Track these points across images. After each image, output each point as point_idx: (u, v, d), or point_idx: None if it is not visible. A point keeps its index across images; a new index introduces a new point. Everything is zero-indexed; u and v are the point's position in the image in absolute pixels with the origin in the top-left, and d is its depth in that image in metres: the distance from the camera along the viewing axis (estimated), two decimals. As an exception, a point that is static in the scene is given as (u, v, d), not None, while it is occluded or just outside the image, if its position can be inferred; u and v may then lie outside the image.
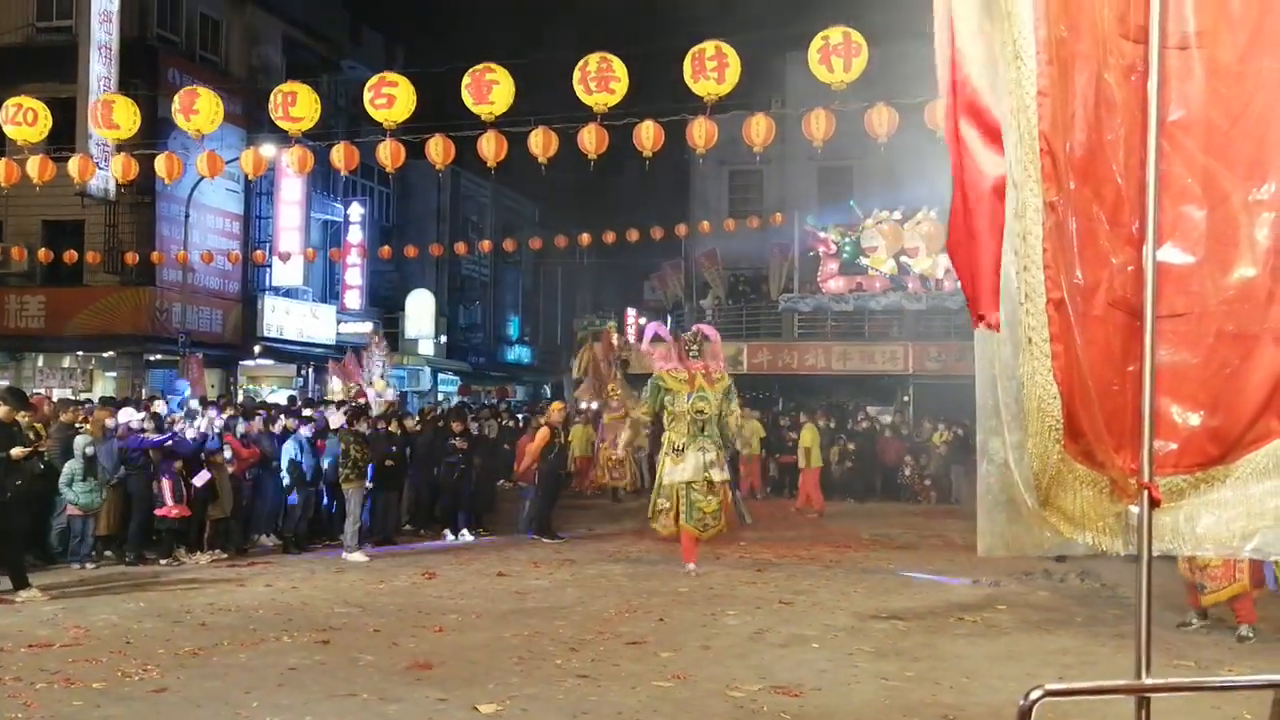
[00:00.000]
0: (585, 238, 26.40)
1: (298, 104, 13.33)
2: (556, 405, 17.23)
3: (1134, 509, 2.68)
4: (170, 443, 12.27)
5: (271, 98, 13.59)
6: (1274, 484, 2.69)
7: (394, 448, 14.39)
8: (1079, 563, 12.32)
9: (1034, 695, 2.29)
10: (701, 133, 13.80)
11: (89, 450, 11.79)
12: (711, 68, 12.74)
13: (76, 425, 12.33)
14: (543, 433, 15.43)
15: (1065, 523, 2.71)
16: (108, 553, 12.46)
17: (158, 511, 12.26)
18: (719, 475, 12.34)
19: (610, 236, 25.37)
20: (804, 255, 30.04)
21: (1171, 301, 2.67)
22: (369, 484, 13.66)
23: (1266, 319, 2.69)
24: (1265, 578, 9.58)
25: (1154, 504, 2.64)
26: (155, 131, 20.32)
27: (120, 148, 15.79)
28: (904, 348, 27.74)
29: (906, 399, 28.08)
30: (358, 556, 12.90)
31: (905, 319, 28.90)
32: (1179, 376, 2.69)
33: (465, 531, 15.16)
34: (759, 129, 14.13)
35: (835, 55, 12.43)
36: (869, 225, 28.64)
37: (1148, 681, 2.65)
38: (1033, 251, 2.62)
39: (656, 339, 14.11)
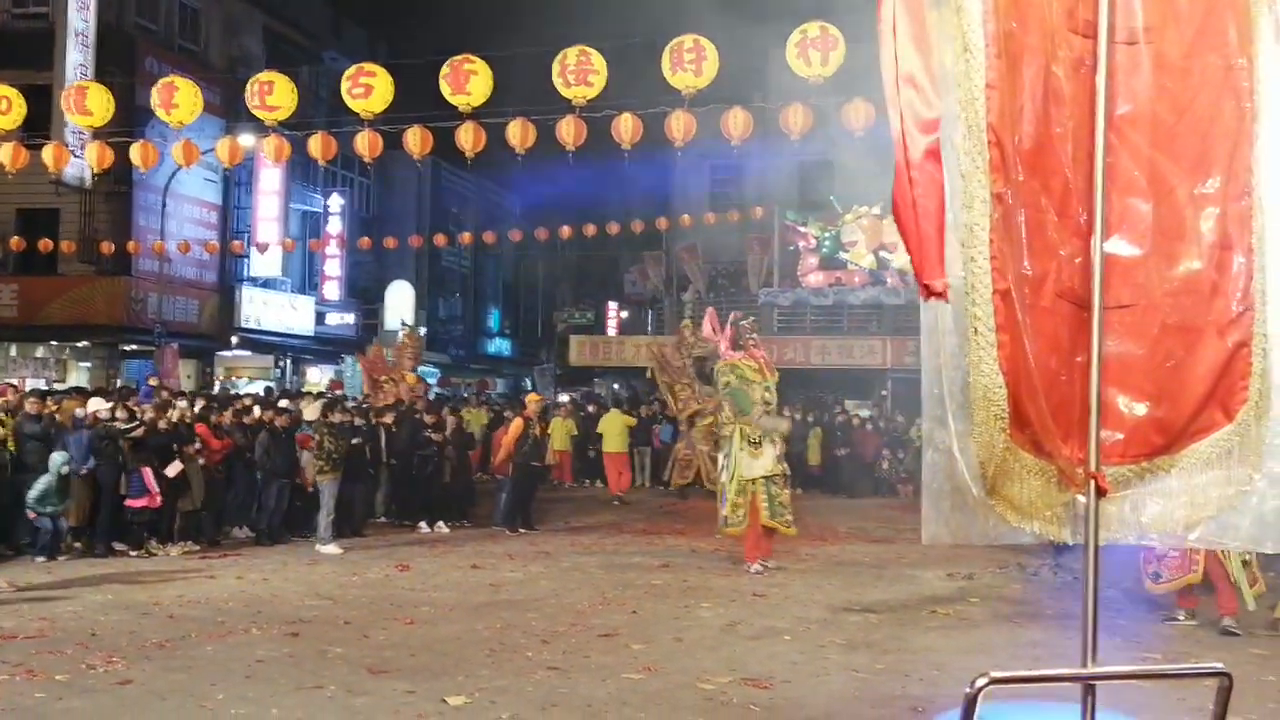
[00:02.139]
0: (566, 230, 26.36)
1: (275, 93, 13.28)
2: (532, 397, 17.21)
3: (1081, 498, 2.69)
4: (139, 431, 12.18)
5: (248, 86, 13.54)
6: (1217, 474, 2.72)
7: (357, 439, 14.21)
8: (1050, 556, 12.40)
9: (979, 683, 2.29)
10: (680, 125, 13.83)
11: (65, 470, 11.65)
12: (689, 60, 12.77)
13: (45, 425, 12.19)
14: (516, 424, 15.41)
15: (1012, 511, 2.72)
16: (77, 544, 12.36)
17: (127, 502, 12.17)
18: (786, 467, 12.31)
19: (591, 229, 25.36)
20: (784, 249, 30.11)
21: (1118, 293, 2.68)
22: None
23: (1210, 311, 2.71)
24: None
25: (1101, 493, 2.65)
26: (132, 120, 20.15)
27: (96, 135, 15.69)
28: (882, 342, 27.85)
29: (885, 393, 28.18)
30: (331, 549, 12.85)
31: (884, 314, 29.03)
32: (1125, 367, 2.70)
33: (441, 524, 15.12)
34: (737, 122, 14.18)
35: (813, 49, 12.48)
36: (849, 220, 28.71)
37: (1093, 670, 2.67)
38: (979, 243, 2.63)
39: (713, 329, 13.40)
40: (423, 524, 15.09)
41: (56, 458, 11.64)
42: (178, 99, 13.88)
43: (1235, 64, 2.66)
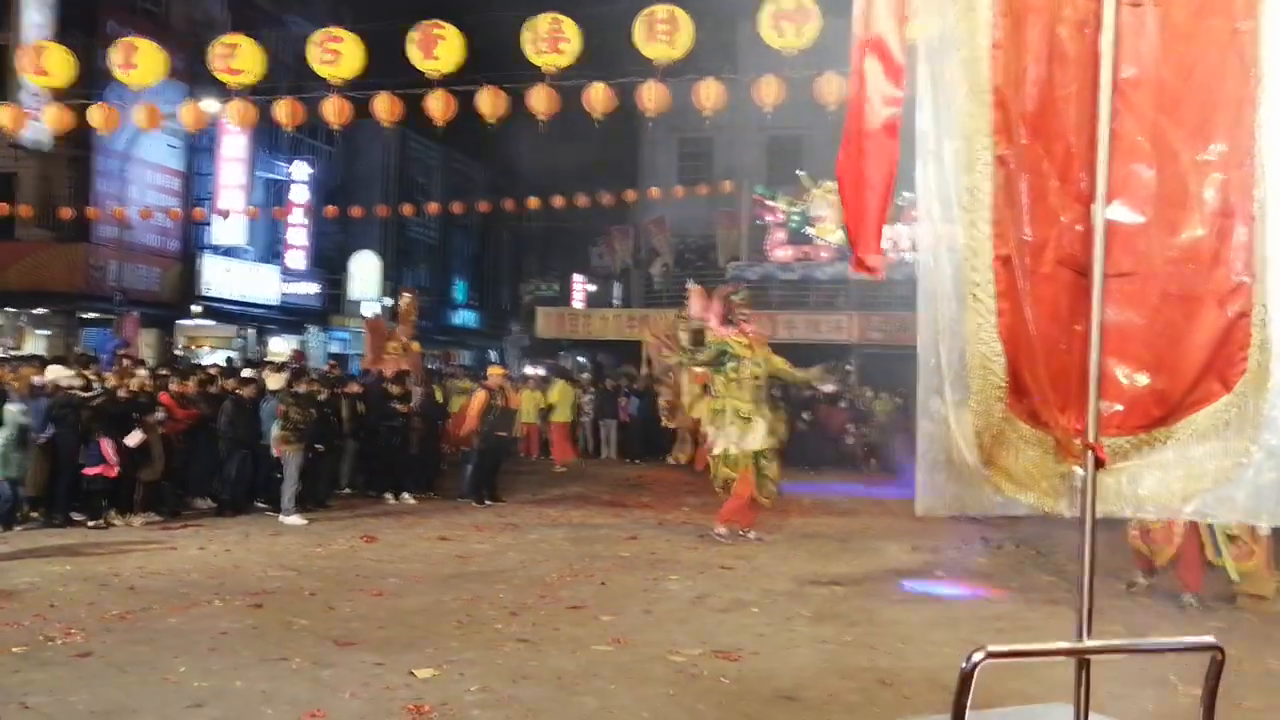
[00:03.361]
0: (533, 202, 26.17)
1: (239, 56, 13.05)
2: (495, 369, 17.08)
3: (1078, 470, 2.66)
4: (100, 399, 11.97)
5: (211, 49, 13.25)
6: (1214, 446, 2.68)
7: (314, 410, 13.96)
8: (1014, 530, 12.52)
9: (976, 658, 2.26)
10: (652, 96, 13.70)
11: (23, 420, 11.45)
12: (663, 30, 12.64)
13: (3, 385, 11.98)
14: (479, 396, 15.30)
15: (1008, 482, 2.68)
16: (34, 514, 12.15)
17: (85, 471, 11.95)
18: (776, 441, 12.34)
19: (559, 201, 25.19)
20: (752, 224, 30.09)
21: (1119, 261, 2.63)
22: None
23: (1210, 280, 2.67)
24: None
25: (1100, 465, 2.61)
26: (93, 82, 19.71)
27: (55, 97, 15.33)
28: (849, 317, 27.95)
29: (850, 368, 28.27)
30: (295, 519, 12.72)
31: (851, 289, 29.11)
32: (1124, 337, 2.66)
33: (407, 495, 15.02)
34: (710, 93, 14.06)
35: (787, 21, 12.38)
36: (817, 195, 28.71)
37: (1088, 644, 2.64)
38: (980, 206, 2.57)
39: (702, 305, 13.18)
40: (388, 495, 14.98)
41: (11, 408, 11.42)
42: (138, 59, 13.58)
43: (1241, 27, 2.61)
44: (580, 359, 34.29)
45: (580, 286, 42.17)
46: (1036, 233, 2.62)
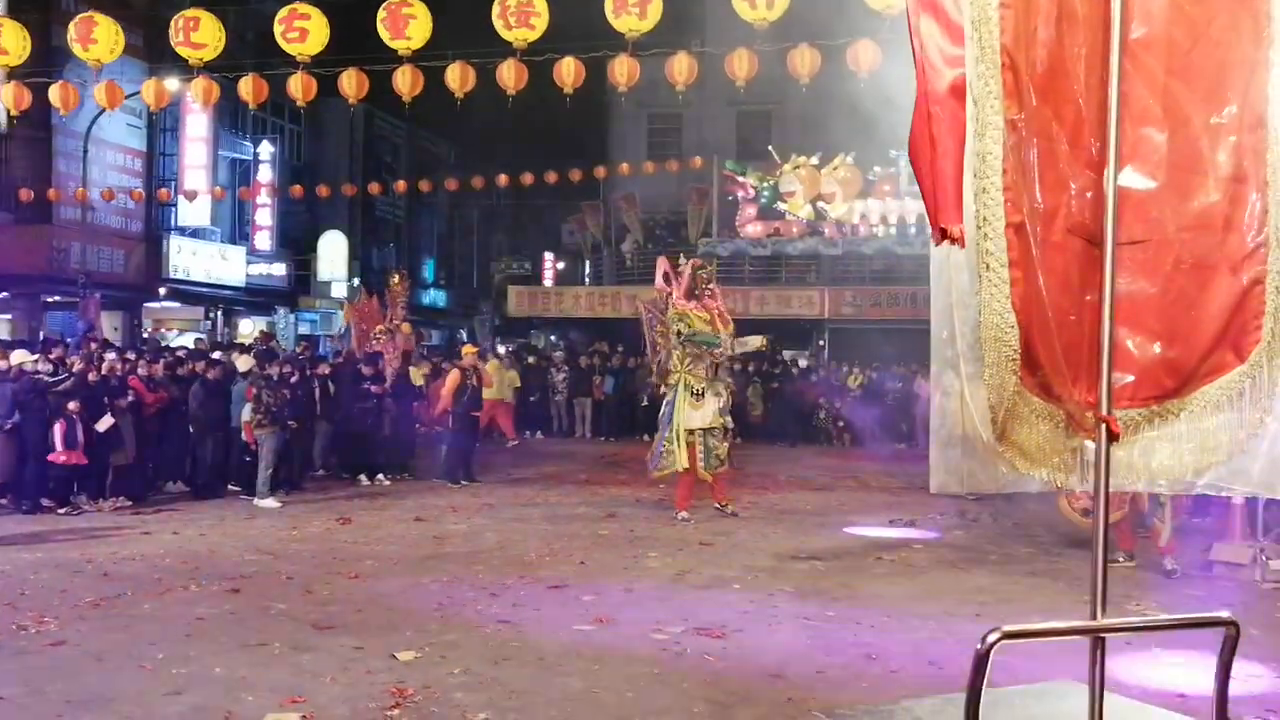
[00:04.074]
0: (503, 179, 25.93)
1: (200, 30, 12.76)
2: (468, 348, 16.94)
3: (1089, 443, 2.60)
4: (68, 384, 11.76)
5: (172, 24, 12.98)
6: (1228, 417, 2.64)
7: (287, 392, 13.79)
8: (991, 502, 12.57)
9: (991, 638, 2.20)
10: (624, 71, 13.55)
11: None
12: (633, 3, 12.47)
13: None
14: (453, 375, 15.19)
15: (1021, 458, 2.62)
16: (2, 501, 11.94)
17: (51, 457, 11.73)
18: (729, 420, 12.27)
19: (528, 178, 24.96)
20: (722, 199, 30.01)
21: (1130, 228, 2.57)
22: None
23: (1224, 247, 2.61)
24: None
25: (1113, 438, 2.56)
26: (50, 60, 19.34)
27: (11, 76, 14.98)
28: (820, 293, 27.96)
29: (822, 343, 28.34)
30: (269, 502, 12.58)
31: (822, 264, 29.14)
32: (1136, 306, 2.60)
33: (381, 477, 14.90)
34: (681, 68, 13.93)
35: (760, -8, 12.23)
36: (787, 170, 28.63)
37: (1104, 622, 2.59)
38: (992, 172, 2.49)
39: (666, 277, 13.16)
40: (363, 477, 14.85)
41: None
42: (96, 34, 13.28)
43: (1253, -15, 2.55)
44: (552, 337, 34.15)
45: (550, 264, 41.97)
46: (1048, 200, 2.55)
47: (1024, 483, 2.70)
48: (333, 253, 36.59)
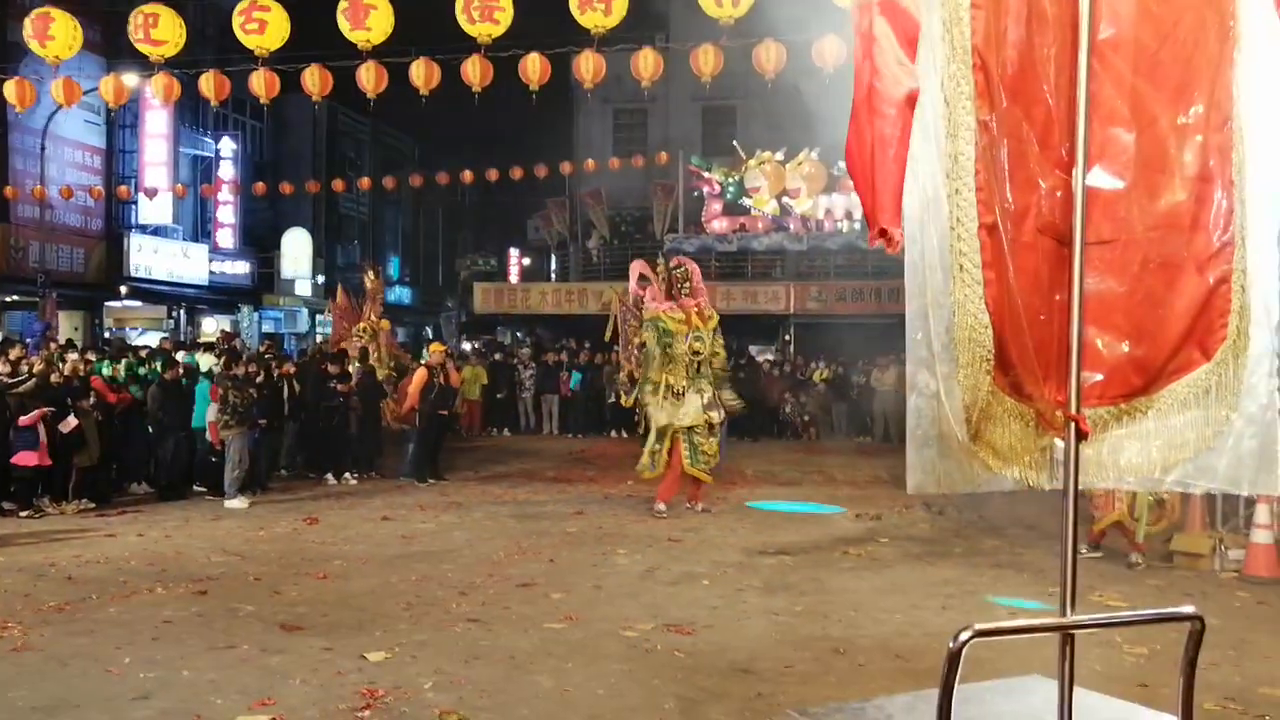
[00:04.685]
0: (468, 175, 25.83)
1: (160, 26, 12.60)
2: (435, 346, 16.86)
3: (1059, 442, 2.63)
4: (28, 385, 11.59)
5: (131, 19, 12.81)
6: (1194, 415, 2.68)
7: (254, 392, 13.66)
8: (954, 496, 12.67)
9: (963, 636, 2.23)
10: (589, 66, 13.52)
11: None
12: (599, -1, 12.44)
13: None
14: (420, 374, 15.13)
15: (994, 457, 2.64)
16: (-37, 504, 11.76)
17: (13, 460, 11.56)
18: (717, 416, 12.24)
19: (494, 174, 24.88)
20: (688, 195, 30.05)
21: (1099, 228, 2.60)
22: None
23: (1191, 246, 2.65)
24: None
25: (1082, 436, 2.59)
26: (6, 56, 19.08)
27: (-35, 73, 14.76)
28: (785, 288, 28.05)
29: (788, 338, 28.44)
30: (238, 503, 12.47)
31: (787, 259, 29.24)
32: (1105, 305, 2.63)
33: (348, 475, 14.81)
34: (647, 63, 13.93)
35: (725, -11, 12.24)
36: (752, 166, 28.72)
37: (1073, 619, 2.62)
38: (964, 173, 2.51)
39: (642, 278, 12.99)
40: (329, 476, 14.75)
41: None
42: (53, 30, 13.09)
43: (1219, -14, 2.58)
44: (518, 334, 34.06)
45: (516, 260, 41.84)
46: (1018, 200, 2.57)
47: (997, 482, 2.73)
48: (296, 250, 36.34)
